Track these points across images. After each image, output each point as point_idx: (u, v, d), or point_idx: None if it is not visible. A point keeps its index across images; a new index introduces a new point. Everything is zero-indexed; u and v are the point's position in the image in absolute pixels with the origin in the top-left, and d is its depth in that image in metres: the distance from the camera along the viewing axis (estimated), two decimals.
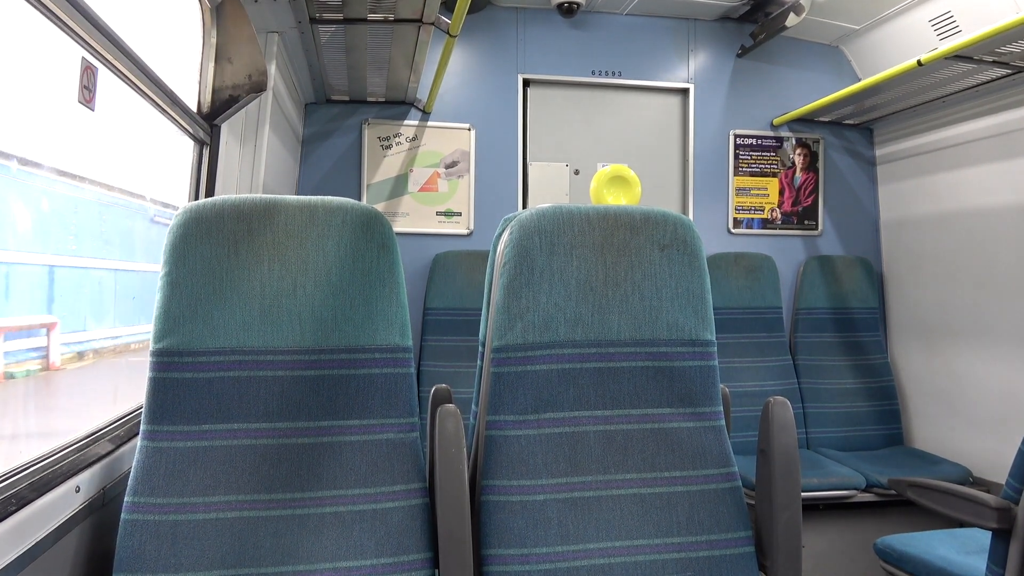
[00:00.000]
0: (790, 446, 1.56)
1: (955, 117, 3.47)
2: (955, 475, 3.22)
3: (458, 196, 3.81)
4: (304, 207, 1.57)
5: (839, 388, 3.78)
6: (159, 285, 1.52)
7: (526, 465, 1.57)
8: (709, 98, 3.98)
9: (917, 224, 3.81)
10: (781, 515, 1.55)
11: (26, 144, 1.69)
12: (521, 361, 1.60)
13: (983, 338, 3.38)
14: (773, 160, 4.05)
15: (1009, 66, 2.90)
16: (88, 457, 1.48)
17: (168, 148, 2.35)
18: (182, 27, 2.29)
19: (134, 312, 2.35)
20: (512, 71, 3.82)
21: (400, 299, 1.60)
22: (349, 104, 3.73)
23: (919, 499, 2.07)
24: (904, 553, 2.29)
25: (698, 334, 1.68)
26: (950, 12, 3.07)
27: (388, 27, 2.64)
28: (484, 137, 3.81)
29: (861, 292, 3.93)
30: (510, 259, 1.61)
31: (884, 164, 4.05)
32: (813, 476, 3.14)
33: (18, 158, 1.66)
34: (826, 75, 3.96)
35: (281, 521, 1.47)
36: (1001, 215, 3.26)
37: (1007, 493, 1.75)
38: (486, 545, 1.53)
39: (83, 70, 1.55)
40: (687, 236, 1.69)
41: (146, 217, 2.52)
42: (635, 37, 3.90)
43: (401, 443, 1.56)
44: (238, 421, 1.51)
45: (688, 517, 1.60)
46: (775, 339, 3.79)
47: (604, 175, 2.95)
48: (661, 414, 1.66)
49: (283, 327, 1.54)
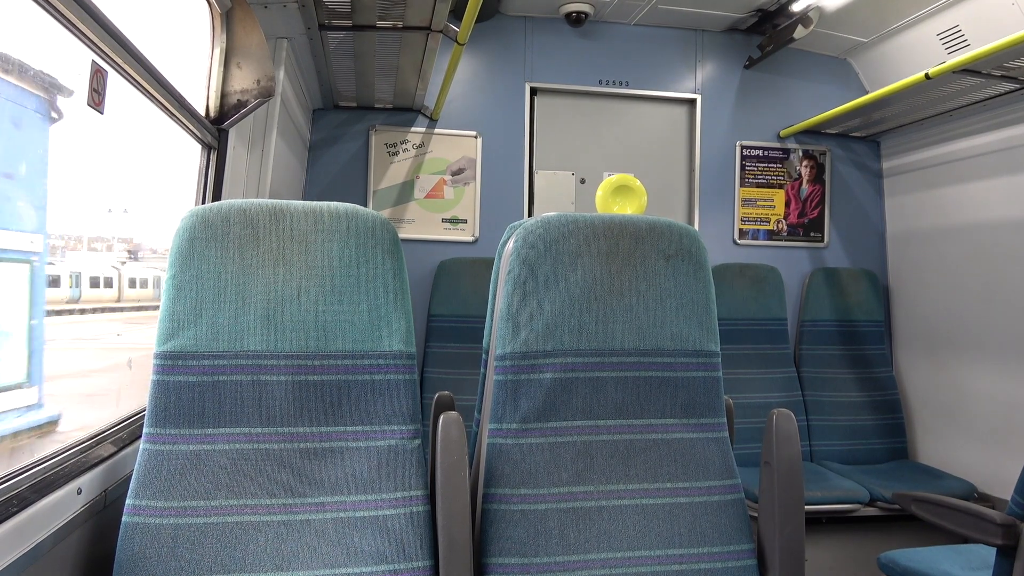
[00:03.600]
0: (794, 458, 1.56)
1: (962, 131, 3.47)
2: (960, 490, 3.20)
3: (464, 203, 3.81)
4: (310, 212, 1.57)
5: (843, 401, 3.76)
6: (164, 288, 1.53)
7: (528, 474, 1.57)
8: (716, 109, 3.98)
9: (923, 237, 3.80)
10: (784, 528, 1.54)
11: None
12: (524, 369, 1.60)
13: (989, 352, 3.36)
14: (780, 171, 4.05)
15: (1017, 80, 2.90)
16: (90, 459, 1.48)
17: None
18: (192, 32, 2.30)
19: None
20: (519, 79, 3.83)
21: (404, 305, 1.60)
22: (357, 110, 3.74)
23: (923, 514, 2.05)
24: (908, 568, 2.28)
25: (702, 345, 1.68)
26: (958, 26, 3.07)
27: (396, 34, 2.65)
28: (491, 145, 3.82)
29: (867, 304, 3.92)
30: (515, 267, 1.61)
31: (891, 177, 4.05)
32: (816, 489, 3.12)
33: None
34: (833, 87, 3.96)
35: (282, 526, 1.47)
36: (1007, 229, 3.24)
37: (1012, 509, 1.74)
38: (487, 554, 1.52)
39: (93, 73, 1.56)
40: (692, 246, 1.68)
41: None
42: (643, 47, 3.91)
43: (403, 450, 1.56)
44: (241, 425, 1.51)
45: (690, 529, 1.59)
46: (780, 351, 3.78)
47: (610, 184, 2.95)
48: (664, 424, 1.65)
49: (287, 332, 1.54)
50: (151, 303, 4.10)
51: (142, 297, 4.20)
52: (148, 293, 4.19)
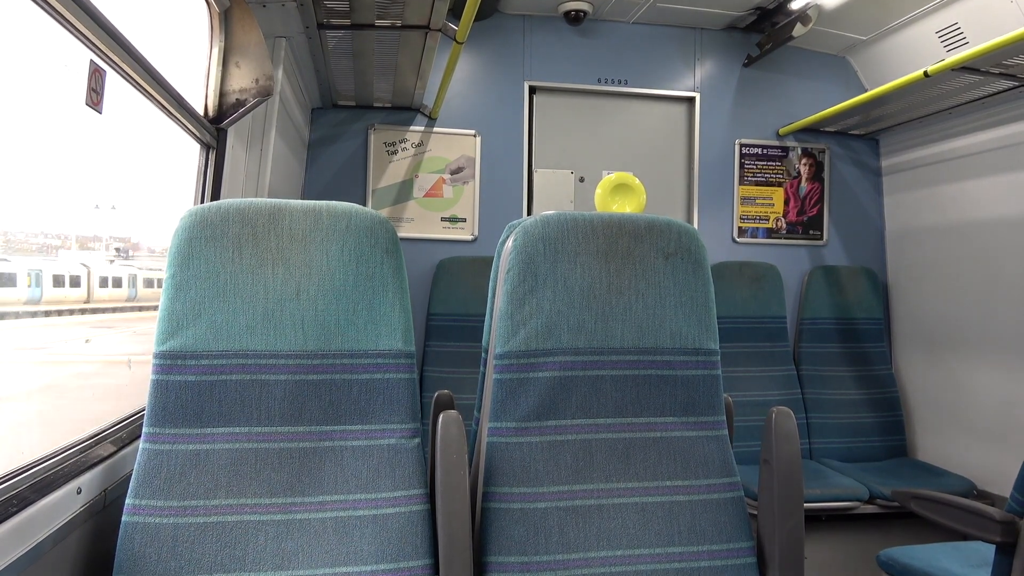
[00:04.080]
0: (793, 456, 1.56)
1: (961, 128, 3.47)
2: (959, 487, 3.20)
3: (463, 202, 3.81)
4: (309, 211, 1.57)
5: (843, 399, 3.76)
6: (164, 288, 1.53)
7: (528, 472, 1.57)
8: (715, 107, 3.98)
9: (922, 235, 3.80)
10: (783, 526, 1.55)
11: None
12: (524, 368, 1.60)
13: (988, 350, 3.36)
14: (779, 169, 4.05)
15: (1016, 78, 2.90)
16: (90, 459, 1.48)
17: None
18: (190, 31, 2.30)
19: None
20: (518, 78, 3.83)
21: (404, 304, 1.60)
22: (355, 109, 3.74)
23: (922, 511, 2.05)
24: (907, 566, 2.28)
25: (702, 343, 1.68)
26: (957, 24, 3.07)
27: (395, 33, 2.65)
28: (490, 143, 3.82)
29: (866, 303, 3.92)
30: (514, 266, 1.61)
31: (890, 175, 4.05)
32: (816, 487, 3.13)
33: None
34: (832, 85, 3.95)
35: (282, 525, 1.47)
36: (1007, 227, 3.25)
37: (1011, 506, 1.74)
38: (487, 552, 1.53)
39: (91, 73, 1.56)
40: (691, 245, 1.68)
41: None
42: (642, 46, 3.91)
43: (403, 448, 1.56)
44: (240, 424, 1.51)
45: (690, 527, 1.59)
46: (779, 349, 3.78)
47: (609, 183, 2.95)
48: (664, 423, 1.65)
49: (286, 331, 1.54)
50: (128, 304, 3.89)
51: (116, 298, 4.01)
52: (123, 293, 3.99)
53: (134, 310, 5.30)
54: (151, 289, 5.57)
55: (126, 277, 4.03)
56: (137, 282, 4.61)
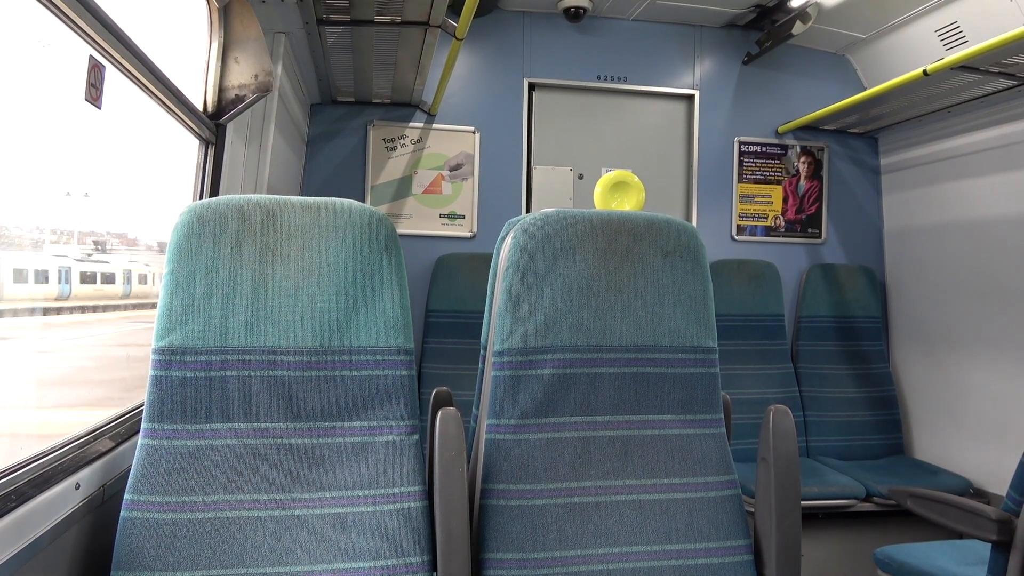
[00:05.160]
0: (790, 454, 1.56)
1: (960, 127, 3.47)
2: (955, 486, 3.21)
3: (462, 199, 3.81)
4: (308, 208, 1.57)
5: (840, 397, 3.77)
6: (163, 283, 1.52)
7: (526, 469, 1.57)
8: (714, 105, 3.98)
9: (921, 234, 3.80)
10: (781, 523, 1.55)
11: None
12: (522, 365, 1.60)
13: (985, 349, 3.37)
14: (777, 167, 4.05)
15: (1015, 77, 2.90)
16: (88, 454, 1.48)
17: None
18: (189, 26, 2.29)
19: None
20: (518, 75, 3.83)
21: (403, 301, 1.60)
22: (354, 105, 3.73)
23: (919, 510, 2.06)
24: (903, 563, 2.29)
25: (700, 341, 1.68)
26: (956, 23, 3.07)
27: (395, 29, 2.65)
28: (489, 140, 3.81)
29: (864, 301, 3.93)
30: (513, 263, 1.61)
31: (889, 173, 4.05)
32: (813, 485, 3.13)
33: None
34: (832, 83, 3.96)
35: (280, 521, 1.47)
36: (1005, 226, 3.25)
37: (1007, 505, 1.75)
38: (485, 549, 1.53)
39: (90, 68, 1.55)
40: (690, 242, 1.68)
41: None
42: (641, 43, 3.91)
43: (401, 445, 1.56)
44: (239, 420, 1.51)
45: (687, 524, 1.59)
46: (777, 347, 3.79)
47: (608, 180, 2.94)
48: (662, 420, 1.66)
49: (285, 327, 1.54)
50: (98, 301, 3.66)
51: (91, 296, 3.83)
52: (88, 291, 3.77)
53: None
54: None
55: (99, 273, 3.86)
56: (117, 278, 4.38)
